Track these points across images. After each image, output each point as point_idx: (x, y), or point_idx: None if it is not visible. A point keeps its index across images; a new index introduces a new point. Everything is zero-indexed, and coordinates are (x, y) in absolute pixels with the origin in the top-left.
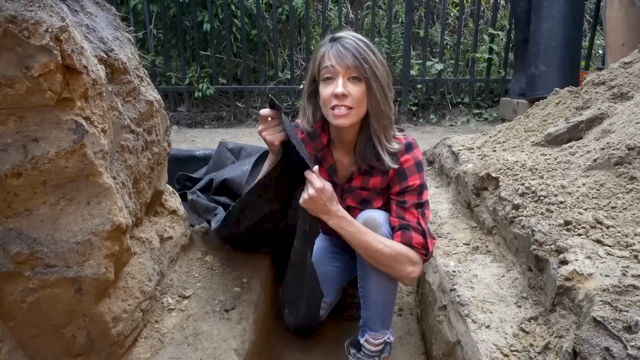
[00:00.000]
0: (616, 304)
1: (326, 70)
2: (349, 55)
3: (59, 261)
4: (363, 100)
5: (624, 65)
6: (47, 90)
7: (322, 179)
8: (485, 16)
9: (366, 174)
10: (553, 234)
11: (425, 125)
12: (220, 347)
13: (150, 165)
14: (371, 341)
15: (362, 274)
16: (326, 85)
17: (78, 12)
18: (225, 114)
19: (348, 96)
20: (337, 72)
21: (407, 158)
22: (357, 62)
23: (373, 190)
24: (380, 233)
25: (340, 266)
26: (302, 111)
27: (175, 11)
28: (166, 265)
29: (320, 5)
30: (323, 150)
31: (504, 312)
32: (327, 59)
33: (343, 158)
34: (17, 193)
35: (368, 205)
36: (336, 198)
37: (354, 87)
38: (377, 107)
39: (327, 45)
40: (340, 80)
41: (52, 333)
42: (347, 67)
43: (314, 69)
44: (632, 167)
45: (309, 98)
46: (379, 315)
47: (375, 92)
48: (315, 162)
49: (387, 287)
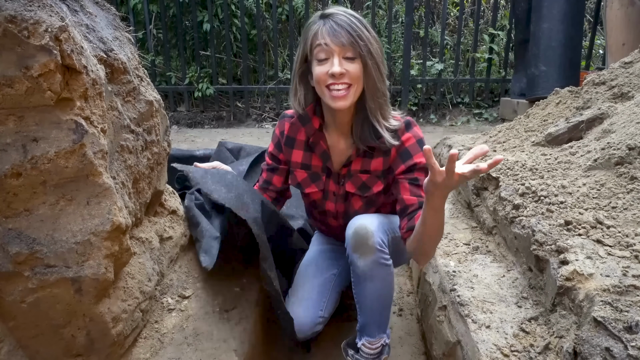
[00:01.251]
0: (617, 304)
1: (320, 49)
2: (343, 33)
3: (59, 261)
4: (360, 78)
5: (624, 65)
6: (46, 90)
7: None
8: (486, 16)
9: (366, 155)
10: (553, 234)
11: (426, 125)
12: (220, 347)
13: (150, 165)
14: (368, 346)
15: (356, 281)
16: (320, 65)
17: (78, 11)
18: (225, 114)
19: (345, 74)
20: (332, 51)
21: (409, 136)
22: (352, 39)
23: (374, 173)
24: (372, 243)
25: (338, 272)
26: (293, 93)
27: (175, 11)
28: (166, 266)
29: (320, 5)
30: (315, 135)
31: (504, 312)
32: (320, 37)
33: (338, 142)
34: (17, 193)
35: (367, 190)
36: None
37: (350, 65)
38: (373, 85)
39: (319, 22)
40: (336, 59)
41: (51, 333)
42: (342, 45)
43: (305, 49)
44: (633, 167)
45: (301, 79)
46: (374, 321)
47: (371, 69)
48: (307, 148)
49: (382, 294)
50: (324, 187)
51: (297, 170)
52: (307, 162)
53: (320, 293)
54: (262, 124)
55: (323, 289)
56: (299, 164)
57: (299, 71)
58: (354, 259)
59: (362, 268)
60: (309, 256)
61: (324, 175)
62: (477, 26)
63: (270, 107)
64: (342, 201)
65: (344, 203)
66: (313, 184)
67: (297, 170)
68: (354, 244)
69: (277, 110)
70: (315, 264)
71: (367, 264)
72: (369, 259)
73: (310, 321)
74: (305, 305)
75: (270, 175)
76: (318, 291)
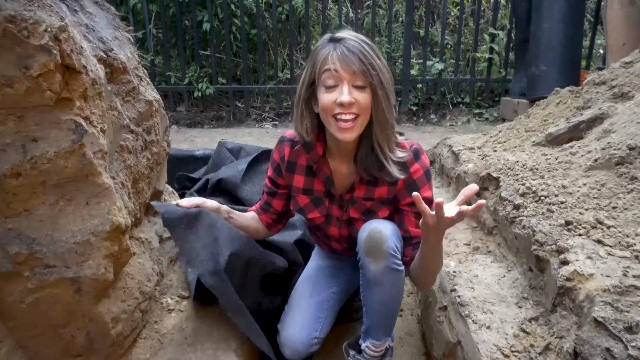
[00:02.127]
0: (617, 305)
1: (328, 74)
2: (354, 60)
3: (58, 261)
4: (368, 109)
5: (624, 65)
6: (46, 90)
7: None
8: (486, 16)
9: (370, 183)
10: (554, 234)
11: (426, 125)
12: (220, 347)
13: (150, 165)
14: (372, 348)
15: (365, 284)
16: (327, 92)
17: (77, 11)
18: (225, 113)
19: (354, 104)
20: (342, 78)
21: (417, 168)
22: (363, 67)
23: (378, 200)
24: (386, 247)
25: (337, 290)
26: (298, 119)
27: (175, 11)
28: (165, 266)
29: (320, 4)
30: (319, 162)
31: (505, 313)
32: (330, 62)
33: (341, 167)
34: (16, 193)
35: (373, 215)
36: None
37: (359, 95)
38: (382, 116)
39: (329, 46)
40: (346, 87)
41: (51, 333)
42: (353, 73)
43: (312, 73)
44: (633, 167)
45: (306, 104)
46: (380, 325)
47: (380, 100)
48: (309, 173)
49: (391, 299)
50: (327, 212)
51: (299, 196)
52: (309, 187)
53: (316, 313)
54: (262, 124)
55: (319, 308)
56: (301, 189)
57: (304, 96)
58: (366, 262)
59: (374, 272)
60: (307, 273)
61: (326, 200)
62: (477, 26)
63: (270, 107)
64: (346, 226)
65: (348, 227)
66: (316, 209)
67: (299, 195)
68: (367, 248)
69: (277, 110)
70: (313, 282)
71: (379, 269)
72: (381, 264)
73: (306, 342)
74: (300, 326)
75: (270, 198)
76: (314, 312)
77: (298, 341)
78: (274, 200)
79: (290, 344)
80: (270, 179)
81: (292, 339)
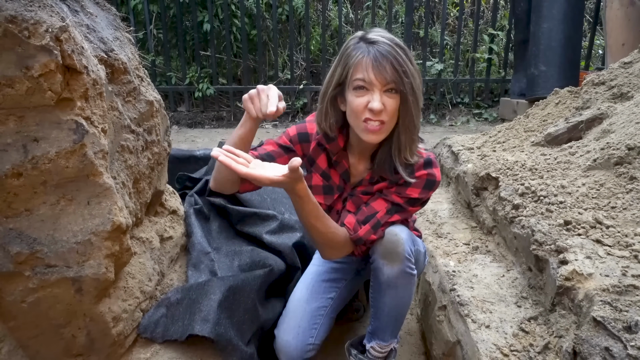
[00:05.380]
0: (616, 304)
1: (360, 81)
2: (388, 68)
3: (59, 261)
4: (396, 114)
5: (623, 65)
6: (47, 90)
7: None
8: (485, 16)
9: (375, 182)
10: (553, 234)
11: (425, 125)
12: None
13: (151, 165)
14: (378, 349)
15: (377, 287)
16: (357, 95)
17: (78, 12)
18: (226, 114)
19: (384, 111)
20: (374, 85)
21: (422, 173)
22: (396, 75)
23: (376, 193)
24: (402, 250)
25: (335, 296)
26: (322, 115)
27: (176, 11)
28: (166, 265)
29: (320, 5)
30: (339, 154)
31: (504, 312)
32: (364, 70)
33: (358, 163)
34: (17, 193)
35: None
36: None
37: (389, 100)
38: (410, 121)
39: (362, 49)
40: (377, 94)
41: (52, 333)
42: (386, 81)
43: (342, 73)
44: (632, 167)
45: (332, 102)
46: (389, 327)
47: (410, 105)
48: (329, 166)
49: (402, 302)
50: (331, 203)
51: (316, 174)
52: (328, 174)
53: (312, 320)
54: (262, 124)
55: (316, 314)
56: (322, 170)
57: (331, 94)
58: (381, 265)
59: (388, 275)
60: (305, 278)
61: (337, 193)
62: (476, 26)
63: None
64: (337, 218)
65: (338, 218)
66: (323, 196)
67: (316, 174)
68: (383, 250)
69: None
70: (310, 288)
71: (394, 272)
72: (396, 267)
73: (301, 349)
74: (295, 332)
75: (270, 147)
76: (309, 319)
77: (293, 348)
78: (271, 149)
79: (285, 350)
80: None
81: (287, 346)
